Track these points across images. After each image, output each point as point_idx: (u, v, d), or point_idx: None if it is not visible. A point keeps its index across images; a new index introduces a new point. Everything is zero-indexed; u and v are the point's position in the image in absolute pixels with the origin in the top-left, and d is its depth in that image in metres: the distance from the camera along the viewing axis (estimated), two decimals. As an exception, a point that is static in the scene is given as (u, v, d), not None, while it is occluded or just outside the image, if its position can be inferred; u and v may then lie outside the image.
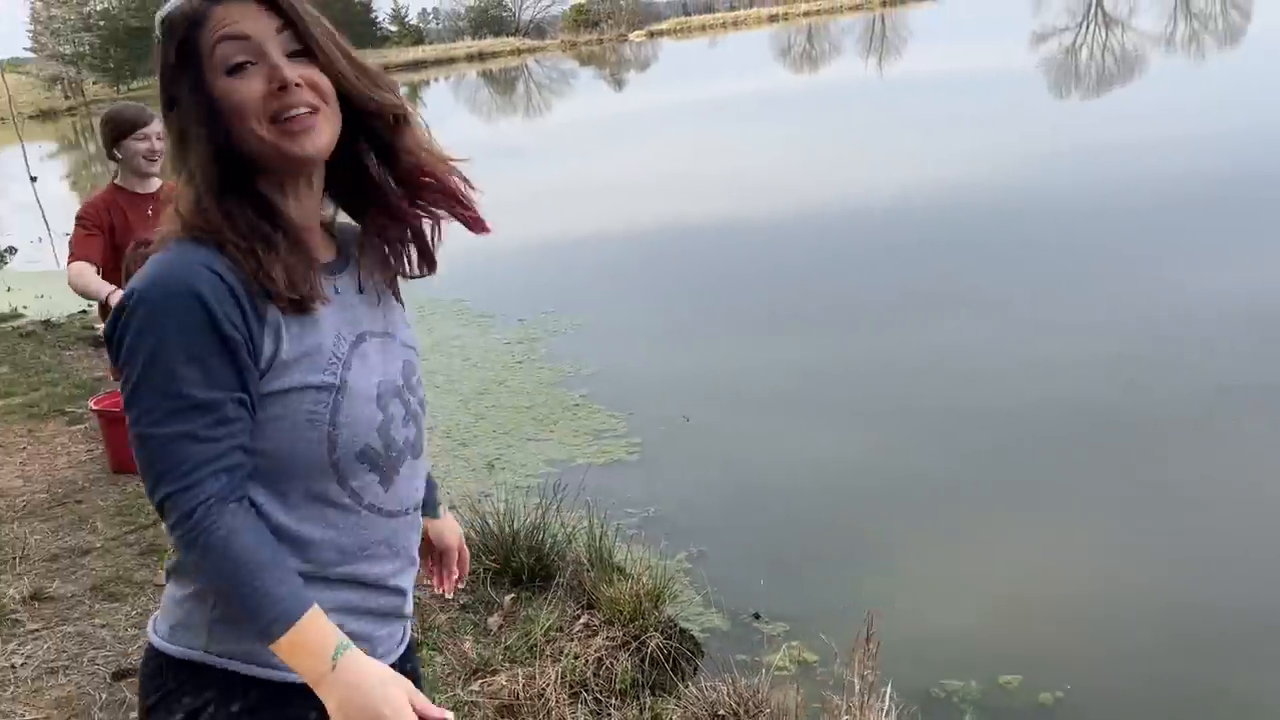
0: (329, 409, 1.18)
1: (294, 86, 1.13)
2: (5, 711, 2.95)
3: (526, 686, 2.85)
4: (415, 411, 1.31)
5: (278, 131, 1.14)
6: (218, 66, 1.13)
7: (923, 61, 26.30)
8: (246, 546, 1.10)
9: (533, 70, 46.95)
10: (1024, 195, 9.09)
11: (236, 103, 1.13)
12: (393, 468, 1.26)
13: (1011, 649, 3.16)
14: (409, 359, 1.34)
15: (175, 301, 1.09)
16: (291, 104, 1.13)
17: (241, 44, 1.13)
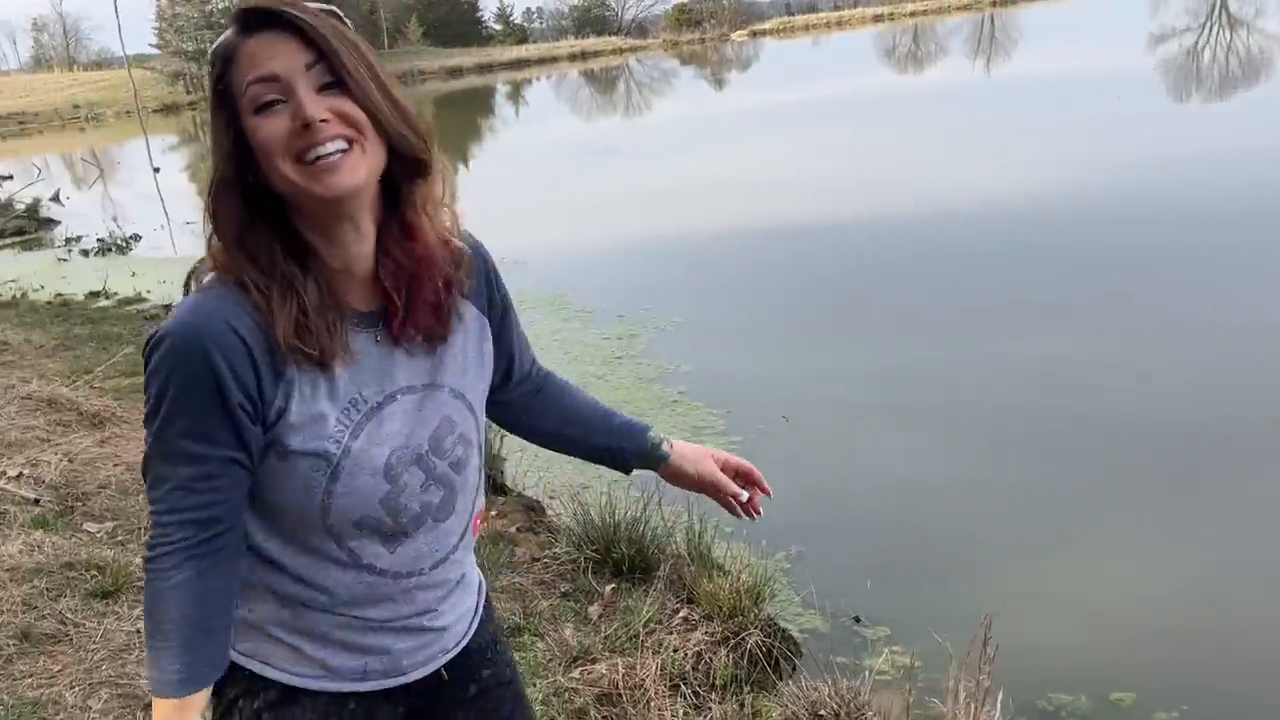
0: (325, 478, 1.17)
1: (319, 124, 1.08)
2: (130, 674, 3.09)
3: (626, 676, 2.88)
4: (444, 475, 1.25)
5: (304, 171, 1.09)
6: (248, 106, 1.11)
7: (1033, 63, 25.61)
8: (174, 605, 1.13)
9: (634, 69, 47.17)
10: (1138, 202, 8.78)
11: (262, 141, 1.10)
12: (402, 533, 1.24)
13: (1124, 666, 3.06)
14: (452, 414, 1.26)
15: (187, 358, 1.10)
16: (316, 142, 1.09)
17: (270, 84, 1.09)
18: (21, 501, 4.25)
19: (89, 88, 69.72)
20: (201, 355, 1.09)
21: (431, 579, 1.30)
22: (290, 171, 1.09)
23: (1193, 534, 3.79)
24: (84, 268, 11.67)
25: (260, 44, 1.10)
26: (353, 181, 1.11)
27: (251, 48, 1.10)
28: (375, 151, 1.13)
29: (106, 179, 25.09)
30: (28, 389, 5.70)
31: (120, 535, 4.10)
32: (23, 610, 3.38)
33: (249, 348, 1.11)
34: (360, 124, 1.11)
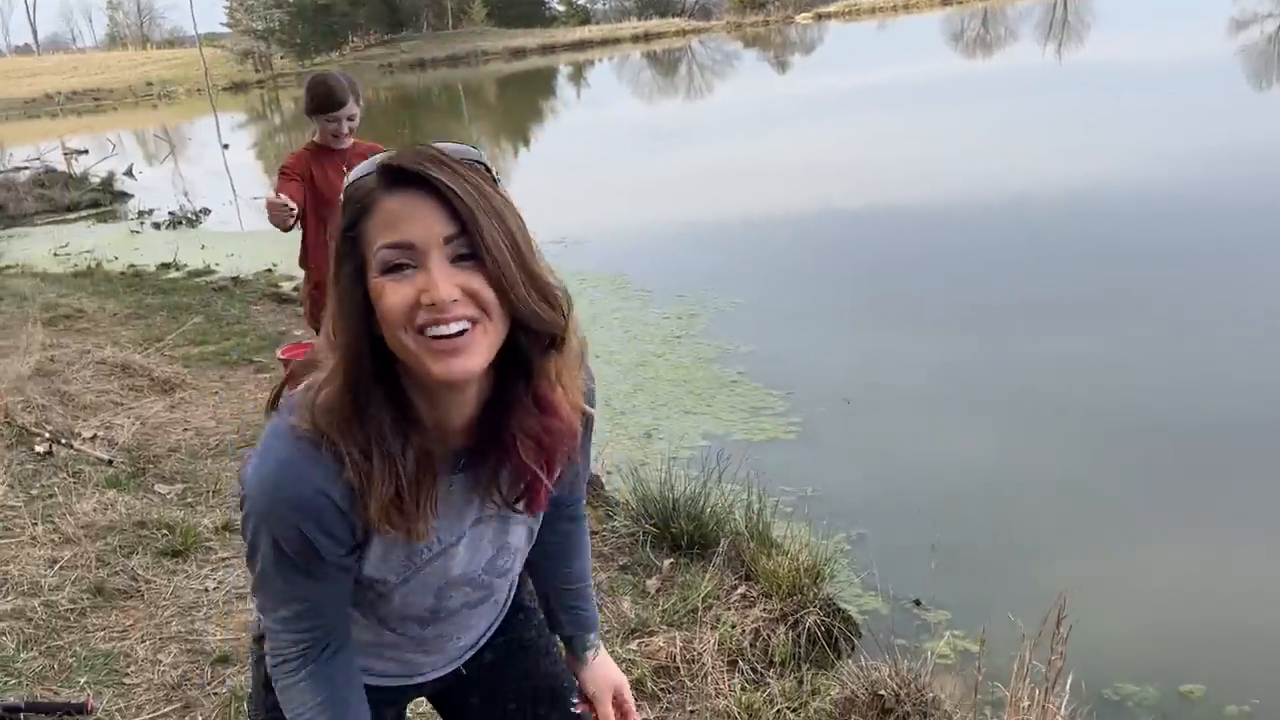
0: (380, 599, 1.25)
1: (447, 304, 1.02)
2: (199, 630, 3.17)
3: (684, 650, 2.88)
4: (487, 583, 1.33)
5: (425, 346, 1.04)
6: (377, 266, 1.04)
7: (1107, 49, 24.96)
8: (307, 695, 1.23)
9: (696, 51, 46.90)
10: (1211, 194, 8.52)
11: (386, 307, 1.04)
12: (438, 620, 1.33)
13: (1194, 657, 2.98)
14: (510, 539, 1.30)
15: (280, 522, 1.12)
16: (441, 321, 1.03)
17: (404, 251, 1.03)
18: (96, 462, 4.37)
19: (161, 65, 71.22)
20: (293, 523, 1.11)
21: (459, 624, 1.39)
22: (410, 342, 1.04)
23: (1267, 526, 3.68)
24: (155, 240, 11.95)
25: (401, 204, 1.03)
26: (472, 366, 1.06)
27: (391, 207, 1.04)
28: (498, 329, 1.07)
29: (177, 155, 25.63)
30: (102, 354, 5.85)
31: (189, 497, 4.20)
32: (97, 566, 3.47)
33: (340, 509, 1.12)
34: (488, 304, 1.04)
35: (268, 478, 1.10)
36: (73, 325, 7.19)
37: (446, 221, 1.03)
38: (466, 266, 1.03)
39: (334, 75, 3.78)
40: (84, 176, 17.85)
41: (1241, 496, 3.91)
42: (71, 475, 4.16)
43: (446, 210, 1.03)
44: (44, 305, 7.28)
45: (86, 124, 41.39)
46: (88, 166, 19.26)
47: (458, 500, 1.20)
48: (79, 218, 15.16)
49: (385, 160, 1.05)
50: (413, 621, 1.30)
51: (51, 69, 73.90)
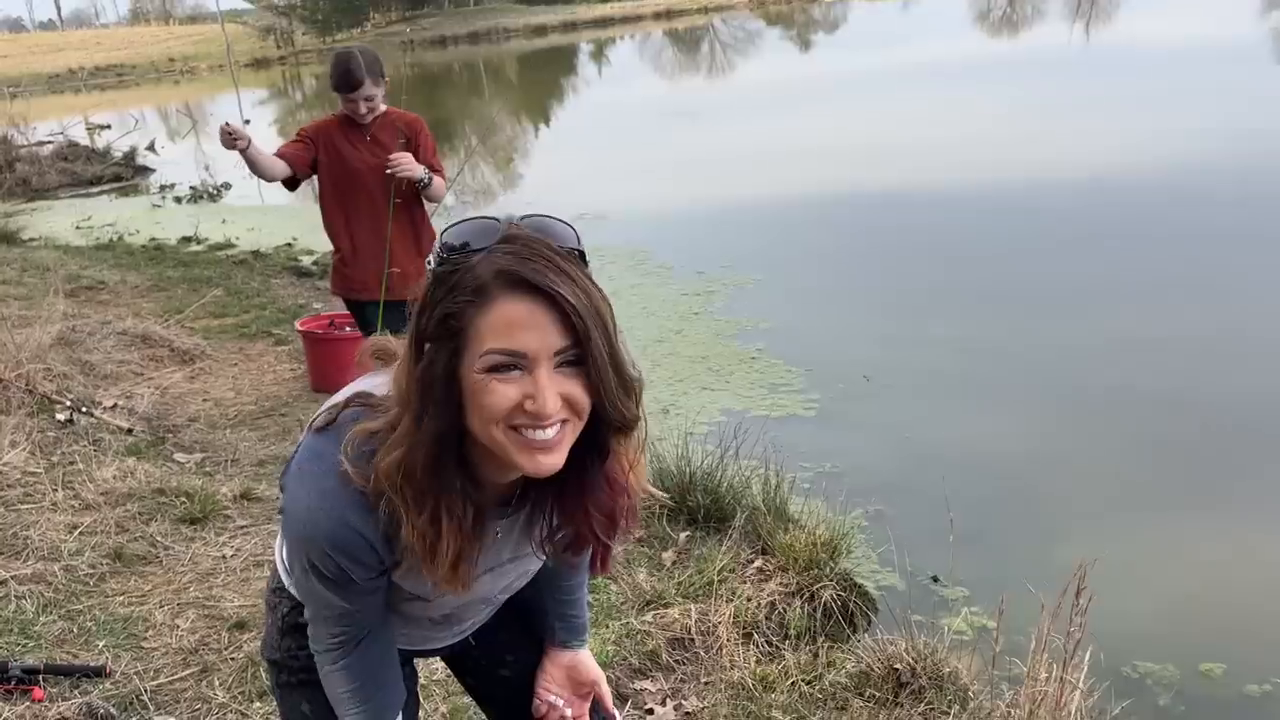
0: (402, 601, 1.30)
1: (547, 416, 1.05)
2: (216, 596, 3.18)
3: (699, 622, 2.87)
4: (499, 601, 1.43)
5: (516, 441, 1.07)
6: (482, 365, 1.04)
7: (1136, 28, 24.60)
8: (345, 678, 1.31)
9: (718, 29, 46.54)
10: (1237, 178, 8.39)
11: (485, 404, 1.05)
12: (449, 622, 1.42)
13: (1213, 637, 2.96)
14: (529, 567, 1.36)
15: (313, 552, 1.17)
16: (540, 426, 1.06)
17: (515, 358, 1.04)
18: (116, 430, 4.39)
19: (184, 42, 71.34)
20: (330, 555, 1.16)
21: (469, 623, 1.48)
22: (501, 437, 1.07)
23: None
24: (177, 214, 11.98)
25: (520, 311, 1.02)
26: (558, 463, 1.09)
27: (510, 313, 1.02)
28: (581, 426, 1.10)
29: (199, 131, 25.68)
30: (123, 325, 5.88)
31: (208, 466, 4.22)
32: (116, 532, 3.50)
33: (374, 549, 1.17)
34: (582, 409, 1.08)
35: (312, 509, 1.15)
36: (94, 297, 7.23)
37: (561, 333, 1.03)
38: (568, 372, 1.05)
39: (355, 55, 3.74)
40: (106, 151, 17.91)
41: (1265, 479, 3.87)
42: (92, 443, 4.18)
43: (563, 323, 1.03)
44: (66, 277, 7.31)
45: (110, 99, 41.52)
46: (110, 141, 19.33)
47: (498, 541, 1.27)
48: (101, 191, 15.22)
49: (511, 268, 1.02)
50: (426, 621, 1.38)
51: (75, 44, 74.19)
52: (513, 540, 1.28)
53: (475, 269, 1.03)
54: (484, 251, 1.04)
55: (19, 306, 6.25)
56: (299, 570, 1.21)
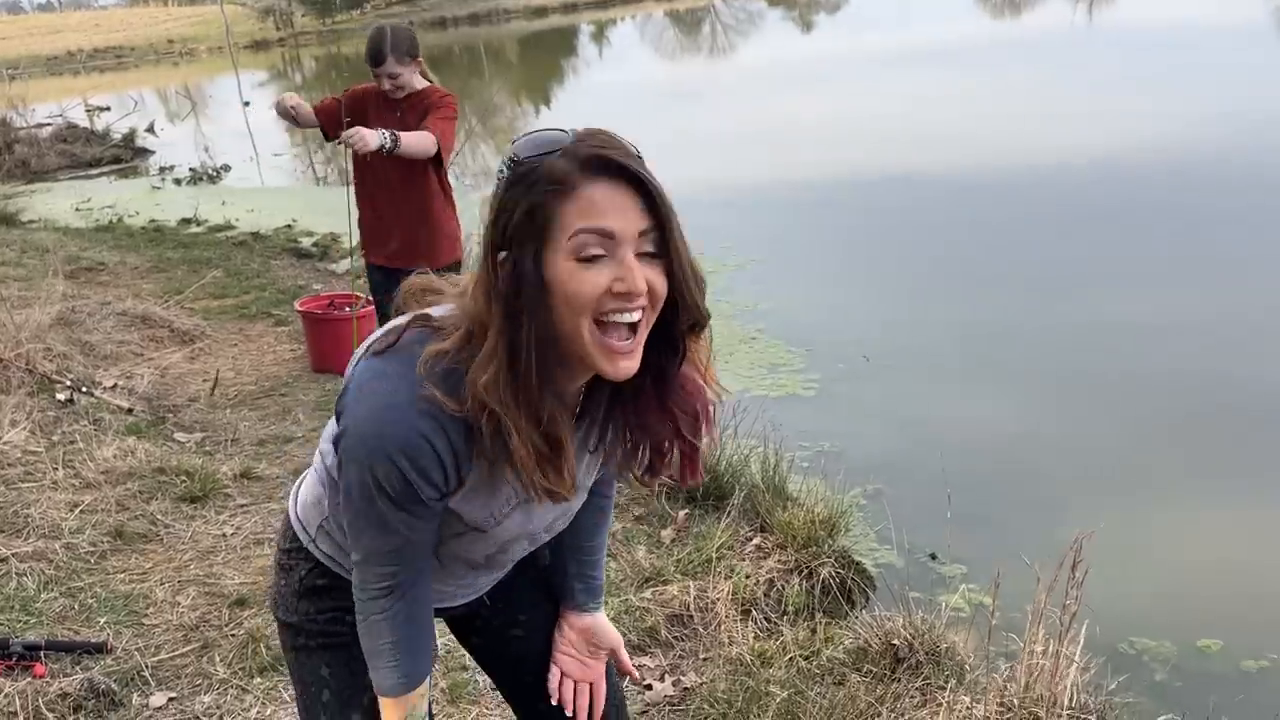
0: (451, 534, 1.28)
1: (640, 294, 1.08)
2: (217, 574, 3.20)
3: (698, 598, 2.88)
4: (540, 538, 1.38)
5: (599, 342, 1.09)
6: (569, 250, 1.07)
7: (1139, 8, 24.47)
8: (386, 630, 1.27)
9: (719, 10, 46.30)
10: (1239, 161, 8.35)
11: (573, 291, 1.07)
12: (489, 566, 1.38)
13: (1210, 613, 2.97)
14: (571, 505, 1.35)
15: (378, 464, 1.14)
16: (626, 309, 1.08)
17: (603, 239, 1.06)
18: (116, 410, 4.40)
19: (183, 23, 71.04)
20: (396, 464, 1.13)
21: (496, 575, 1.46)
22: (587, 331, 1.09)
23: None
24: (176, 195, 11.96)
25: (606, 192, 1.07)
26: (635, 367, 1.12)
27: (596, 194, 1.06)
28: (653, 319, 1.12)
29: (198, 113, 25.62)
30: (123, 306, 5.88)
31: (208, 446, 4.23)
32: (117, 510, 3.51)
33: (441, 460, 1.14)
34: (659, 299, 1.10)
35: (382, 423, 1.13)
36: (94, 278, 7.22)
37: (644, 216, 1.08)
38: (650, 262, 1.09)
39: (387, 32, 3.72)
40: (105, 133, 17.85)
41: (1264, 457, 3.87)
42: (92, 422, 4.19)
43: (645, 204, 1.08)
44: (65, 258, 7.30)
45: (109, 81, 41.36)
46: (109, 123, 19.27)
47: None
48: (101, 173, 15.18)
49: (596, 151, 1.07)
50: (463, 564, 1.35)
51: (74, 26, 73.91)
52: (578, 460, 1.26)
53: (556, 163, 1.07)
54: (558, 153, 1.07)
55: (18, 288, 6.24)
56: (360, 496, 1.17)
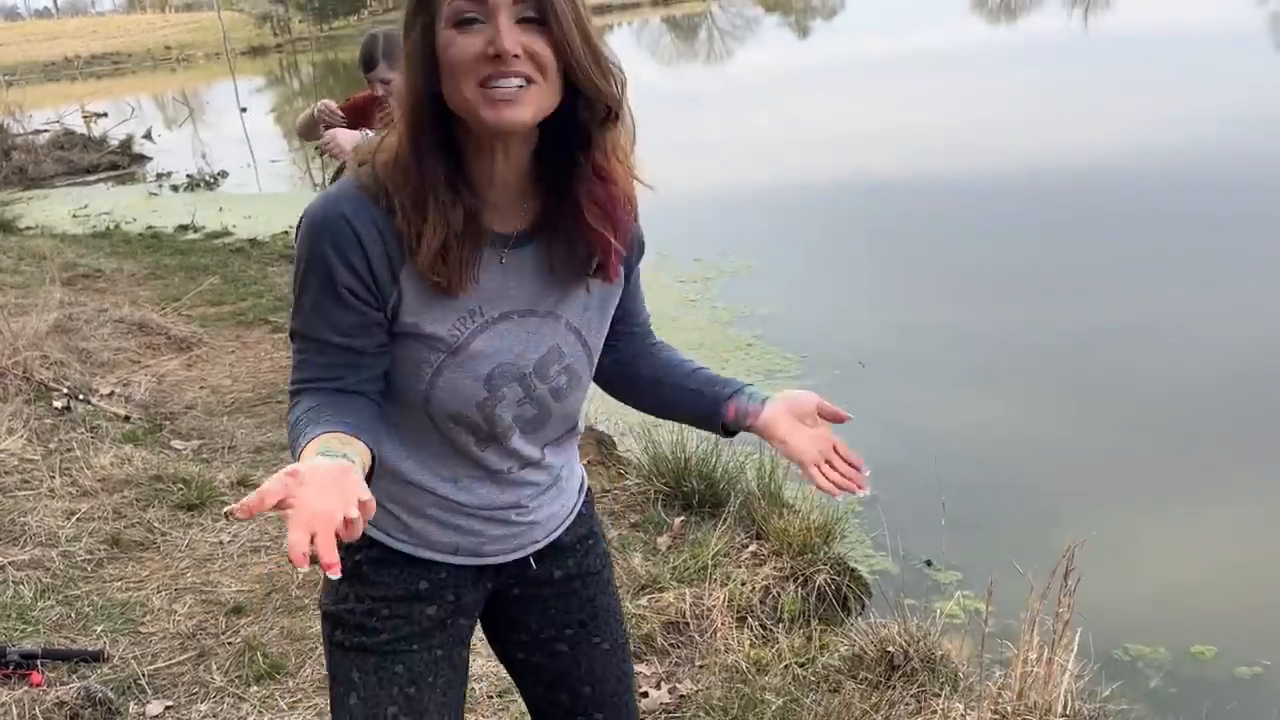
0: (431, 369, 1.24)
1: (511, 58, 1.09)
2: (214, 582, 3.20)
3: (694, 606, 2.89)
4: (541, 397, 1.31)
5: (482, 96, 1.11)
6: (448, 18, 1.11)
7: (1135, 15, 24.54)
8: (307, 414, 1.18)
9: (716, 16, 46.39)
10: (1232, 166, 8.38)
11: (452, 57, 1.11)
12: (492, 438, 1.31)
13: (1204, 619, 2.98)
14: (563, 345, 1.30)
15: (311, 248, 1.19)
16: (501, 74, 1.10)
17: (476, 4, 1.10)
18: (113, 418, 4.40)
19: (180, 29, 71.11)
20: (318, 246, 1.18)
21: (519, 478, 1.37)
22: (469, 93, 1.11)
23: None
24: (174, 202, 11.97)
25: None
26: (522, 117, 1.12)
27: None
28: (552, 93, 1.14)
29: (195, 119, 25.63)
30: (120, 313, 5.88)
31: (205, 453, 4.23)
32: (113, 518, 3.51)
33: (361, 245, 1.17)
34: (546, 66, 1.12)
35: (312, 205, 1.21)
36: (91, 285, 7.22)
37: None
38: (531, 29, 1.11)
39: (379, 38, 3.74)
40: (103, 139, 17.85)
41: (1258, 464, 3.88)
42: (89, 430, 4.20)
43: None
44: (62, 265, 7.31)
45: (106, 87, 41.38)
46: (106, 129, 19.26)
47: (512, 279, 1.25)
48: (98, 180, 15.19)
49: None
50: (464, 428, 1.28)
51: (71, 32, 73.94)
52: (528, 280, 1.26)
53: None
54: None
55: (15, 295, 6.25)
56: (299, 285, 1.20)
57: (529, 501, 1.38)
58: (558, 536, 1.45)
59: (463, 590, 1.39)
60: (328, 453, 1.08)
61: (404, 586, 1.36)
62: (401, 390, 1.27)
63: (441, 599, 1.37)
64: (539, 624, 1.48)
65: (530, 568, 1.43)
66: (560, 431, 1.37)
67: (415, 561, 1.36)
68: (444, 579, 1.37)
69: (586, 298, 1.32)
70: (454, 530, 1.36)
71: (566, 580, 1.47)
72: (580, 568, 1.48)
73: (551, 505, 1.42)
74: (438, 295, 1.21)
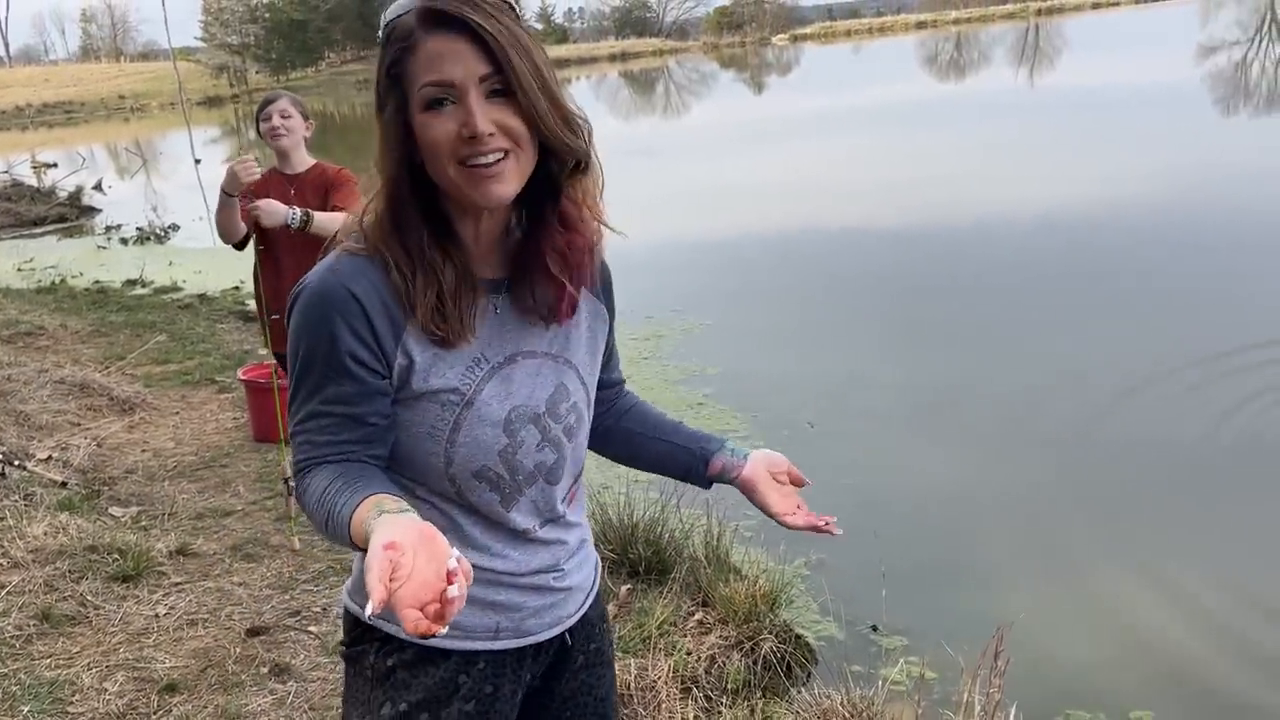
0: (449, 426, 1.24)
1: (486, 137, 1.13)
2: (147, 658, 3.12)
3: (639, 677, 2.86)
4: (557, 438, 1.32)
5: (465, 175, 1.15)
6: (419, 102, 1.15)
7: (1077, 74, 25.31)
8: (323, 484, 1.18)
9: (673, 71, 47.16)
10: (1172, 219, 8.62)
11: (430, 140, 1.15)
12: (517, 490, 1.30)
13: (1143, 684, 3.00)
14: (566, 382, 1.33)
15: (309, 319, 1.20)
16: (480, 152, 1.14)
17: (445, 89, 1.14)
18: (49, 484, 4.31)
19: (135, 79, 70.78)
20: (322, 320, 1.19)
21: (547, 537, 1.35)
22: (453, 173, 1.15)
23: (1217, 555, 3.72)
24: (123, 256, 11.84)
25: (442, 45, 1.13)
26: (505, 192, 1.17)
27: (433, 48, 1.13)
28: (529, 159, 1.18)
29: (149, 169, 25.46)
30: (61, 374, 5.79)
31: (144, 520, 4.14)
32: (44, 591, 3.42)
33: (365, 305, 1.19)
34: (520, 137, 1.16)
35: (308, 280, 1.22)
36: (33, 343, 7.10)
37: (483, 61, 1.13)
38: (499, 102, 1.15)
39: (277, 92, 3.85)
40: (51, 190, 17.68)
41: (1196, 524, 3.95)
42: (23, 498, 4.10)
43: (483, 51, 1.13)
44: (4, 322, 7.19)
45: (58, 136, 41.04)
46: (56, 180, 19.08)
47: (507, 323, 1.28)
48: (45, 232, 15.02)
49: (427, 4, 1.14)
50: (488, 484, 1.27)
51: (23, 81, 73.30)
52: (521, 322, 1.29)
53: (403, 21, 1.16)
54: (409, 12, 1.15)
55: (-47, 354, 6.12)
56: (300, 361, 1.21)
57: (565, 564, 1.37)
58: (586, 611, 1.43)
59: (500, 680, 1.35)
60: (388, 510, 1.06)
61: (441, 687, 1.31)
62: (421, 459, 1.26)
63: (479, 693, 1.33)
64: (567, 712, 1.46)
65: (567, 643, 1.41)
66: (573, 477, 1.38)
67: (453, 655, 1.32)
68: (482, 669, 1.33)
69: (581, 340, 1.36)
70: (494, 609, 1.32)
71: (586, 667, 1.46)
72: (598, 655, 1.48)
73: (583, 569, 1.42)
74: (442, 349, 1.23)
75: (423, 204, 1.20)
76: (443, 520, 1.28)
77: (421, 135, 1.15)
